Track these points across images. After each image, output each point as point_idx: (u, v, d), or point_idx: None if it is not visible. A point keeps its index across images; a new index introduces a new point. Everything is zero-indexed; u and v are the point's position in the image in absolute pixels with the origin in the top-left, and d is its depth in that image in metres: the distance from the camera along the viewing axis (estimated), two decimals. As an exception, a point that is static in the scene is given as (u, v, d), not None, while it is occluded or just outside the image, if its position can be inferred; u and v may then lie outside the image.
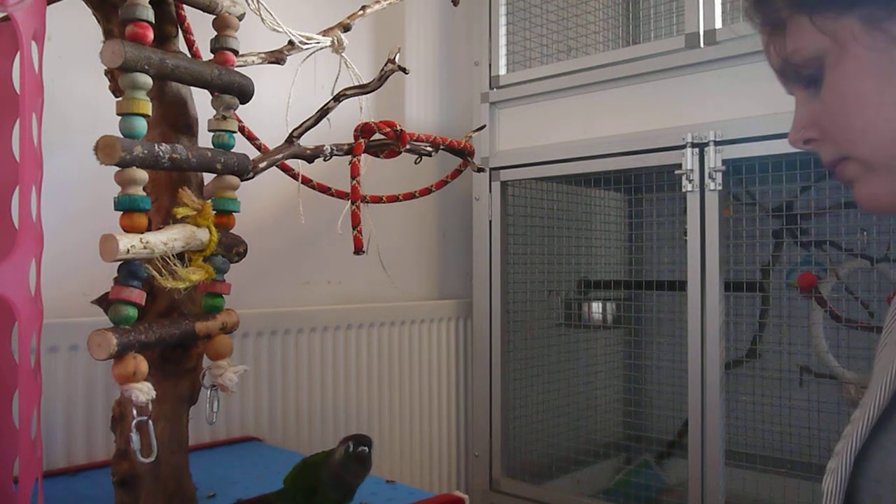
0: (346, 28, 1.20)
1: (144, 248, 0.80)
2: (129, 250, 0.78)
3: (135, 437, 0.82)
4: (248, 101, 1.00)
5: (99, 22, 0.95)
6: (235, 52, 0.99)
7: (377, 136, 1.16)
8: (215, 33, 0.98)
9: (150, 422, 0.84)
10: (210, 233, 0.90)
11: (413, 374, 1.86)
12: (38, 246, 0.79)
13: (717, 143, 1.44)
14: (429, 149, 1.24)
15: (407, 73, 1.16)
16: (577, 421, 1.99)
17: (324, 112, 1.11)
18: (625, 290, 2.01)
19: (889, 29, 0.51)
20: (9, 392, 0.83)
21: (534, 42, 1.88)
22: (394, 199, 1.30)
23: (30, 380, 0.76)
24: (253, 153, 1.06)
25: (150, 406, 0.82)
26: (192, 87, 0.97)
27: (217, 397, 0.97)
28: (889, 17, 0.51)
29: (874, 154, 0.54)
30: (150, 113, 0.82)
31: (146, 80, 0.82)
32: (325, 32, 1.18)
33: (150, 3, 0.84)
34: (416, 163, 1.27)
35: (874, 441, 0.59)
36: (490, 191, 1.83)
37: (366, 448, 0.97)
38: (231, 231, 0.98)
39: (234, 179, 0.97)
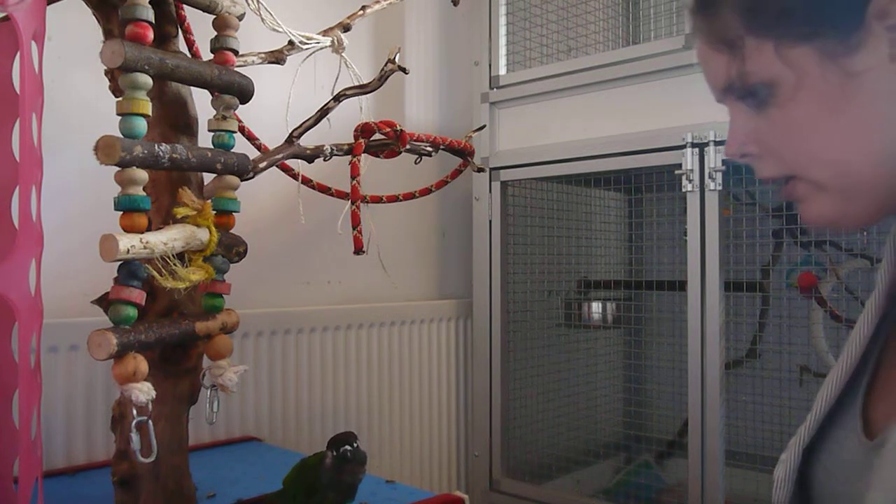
0: (346, 28, 1.20)
1: (144, 248, 0.80)
2: (129, 250, 0.78)
3: (135, 437, 0.82)
4: (248, 101, 1.00)
5: (99, 22, 0.95)
6: (235, 52, 0.99)
7: (377, 136, 1.16)
8: (215, 33, 0.98)
9: (150, 422, 0.84)
10: (210, 233, 0.90)
11: (413, 374, 1.86)
12: (38, 246, 0.79)
13: (717, 143, 1.44)
14: (429, 149, 1.24)
15: (407, 73, 1.16)
16: (577, 421, 1.99)
17: (324, 112, 1.11)
18: (625, 290, 2.01)
19: (844, 65, 0.54)
20: (9, 392, 0.83)
21: (534, 42, 1.88)
22: (394, 199, 1.30)
23: (30, 380, 0.76)
24: (253, 153, 1.06)
25: (150, 406, 0.82)
26: (192, 87, 0.97)
27: (217, 397, 0.97)
28: (844, 53, 0.53)
29: (824, 177, 0.57)
30: (150, 113, 0.82)
31: (146, 80, 0.82)
32: (325, 32, 1.18)
33: (150, 3, 0.84)
34: (416, 163, 1.27)
35: (827, 435, 0.63)
36: (490, 191, 1.83)
37: (349, 447, 0.97)
38: (231, 231, 0.98)
39: (234, 179, 0.97)
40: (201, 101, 1.01)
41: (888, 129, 0.54)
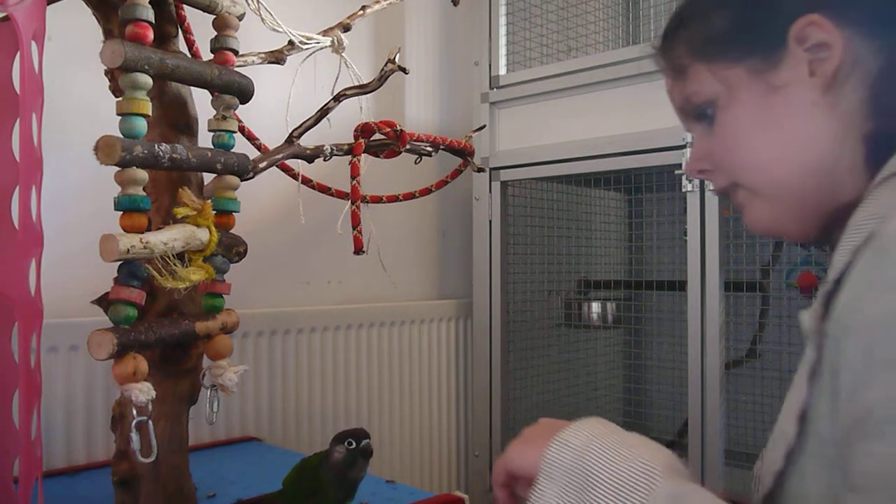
0: (346, 28, 1.20)
1: (144, 248, 0.80)
2: (129, 250, 0.78)
3: (135, 437, 0.82)
4: (248, 101, 1.00)
5: (99, 22, 0.95)
6: (235, 52, 0.98)
7: (377, 136, 1.16)
8: (215, 33, 0.98)
9: (150, 422, 0.84)
10: (210, 233, 0.90)
11: (413, 374, 1.86)
12: (38, 246, 0.79)
13: (717, 143, 1.44)
14: (429, 149, 1.24)
15: (407, 73, 1.16)
16: (577, 421, 1.99)
17: (324, 112, 1.11)
18: (625, 290, 2.01)
19: (769, 79, 0.61)
20: (9, 392, 0.83)
21: (534, 42, 1.88)
22: (394, 199, 1.30)
23: (30, 380, 0.76)
24: (253, 153, 1.06)
25: (150, 406, 0.82)
26: (192, 87, 0.97)
27: (217, 397, 0.97)
28: (769, 69, 0.61)
29: (757, 182, 0.63)
30: (150, 113, 0.82)
31: (146, 80, 0.82)
32: (325, 32, 1.18)
33: (150, 3, 0.84)
34: (416, 163, 1.27)
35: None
36: (490, 191, 1.83)
37: (369, 441, 0.98)
38: (231, 231, 0.98)
39: (234, 179, 0.97)
40: (201, 101, 1.01)
41: (808, 136, 0.60)
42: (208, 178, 0.99)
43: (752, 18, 0.62)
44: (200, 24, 1.05)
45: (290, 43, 1.13)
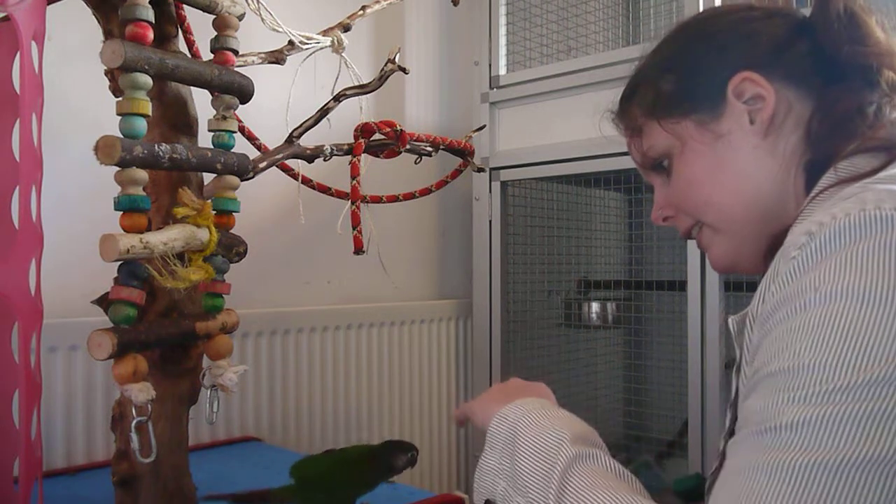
0: (346, 28, 1.20)
1: (144, 248, 0.80)
2: (129, 250, 0.78)
3: (135, 437, 0.82)
4: (248, 101, 1.00)
5: (99, 22, 0.95)
6: (235, 52, 0.98)
7: (377, 136, 1.16)
8: (215, 33, 0.98)
9: (150, 422, 0.84)
10: (210, 233, 0.90)
11: (413, 374, 1.86)
12: (38, 246, 0.79)
13: (717, 143, 1.44)
14: (429, 149, 1.24)
15: (407, 73, 1.16)
16: (577, 421, 1.98)
17: (324, 112, 1.11)
18: (625, 290, 2.01)
19: (714, 129, 0.69)
20: (9, 392, 0.83)
21: (534, 42, 1.88)
22: (394, 199, 1.30)
23: (30, 380, 0.76)
24: (253, 153, 1.06)
25: (150, 406, 0.82)
26: (192, 87, 0.97)
27: (217, 397, 0.97)
28: (713, 120, 0.69)
29: (715, 219, 0.71)
30: (150, 113, 0.82)
31: (146, 80, 0.82)
32: (325, 32, 1.18)
33: (150, 3, 0.84)
34: (416, 163, 1.27)
35: None
36: (490, 191, 1.83)
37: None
38: (231, 231, 0.98)
39: (234, 179, 0.97)
40: (201, 101, 1.01)
41: (753, 174, 0.68)
42: (208, 178, 0.99)
43: (695, 79, 0.71)
44: (200, 24, 1.05)
45: (290, 43, 1.13)
